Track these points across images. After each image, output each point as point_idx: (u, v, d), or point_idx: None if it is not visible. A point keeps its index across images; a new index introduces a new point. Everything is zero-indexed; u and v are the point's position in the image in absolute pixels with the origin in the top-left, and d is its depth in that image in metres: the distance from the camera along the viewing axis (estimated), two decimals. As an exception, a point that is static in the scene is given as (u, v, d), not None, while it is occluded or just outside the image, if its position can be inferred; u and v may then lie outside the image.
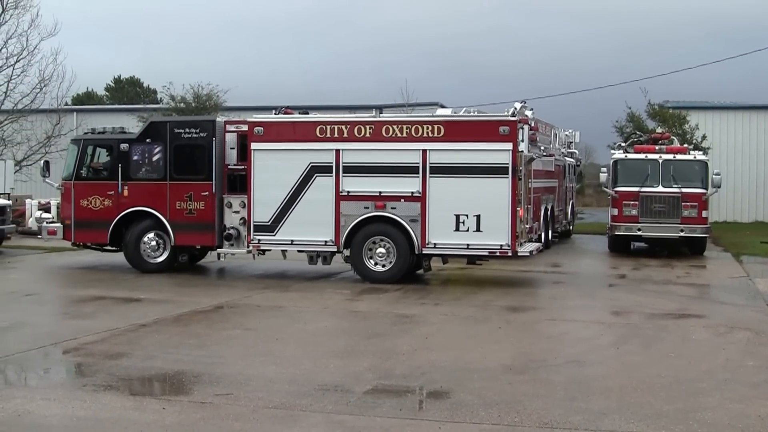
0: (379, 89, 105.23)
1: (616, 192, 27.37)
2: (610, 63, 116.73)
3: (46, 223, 24.18)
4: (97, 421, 8.87)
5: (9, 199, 33.15)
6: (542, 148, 28.12)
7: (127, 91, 78.97)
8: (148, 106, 54.49)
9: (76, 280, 20.96)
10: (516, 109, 19.99)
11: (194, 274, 21.91)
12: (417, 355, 12.26)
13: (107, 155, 22.15)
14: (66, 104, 52.79)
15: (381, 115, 20.74)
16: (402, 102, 45.24)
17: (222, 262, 23.06)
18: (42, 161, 25.32)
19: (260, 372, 11.05)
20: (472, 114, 21.07)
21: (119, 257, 22.14)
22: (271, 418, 9.05)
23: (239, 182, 20.90)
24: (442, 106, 36.57)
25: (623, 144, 30.44)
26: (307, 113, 21.90)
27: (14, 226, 29.22)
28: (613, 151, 29.30)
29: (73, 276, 21.86)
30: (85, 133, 23.45)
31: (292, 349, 12.68)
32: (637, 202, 26.97)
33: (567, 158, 33.32)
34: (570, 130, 34.65)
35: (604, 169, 28.61)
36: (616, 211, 27.42)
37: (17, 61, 46.12)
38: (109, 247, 22.42)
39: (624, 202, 27.15)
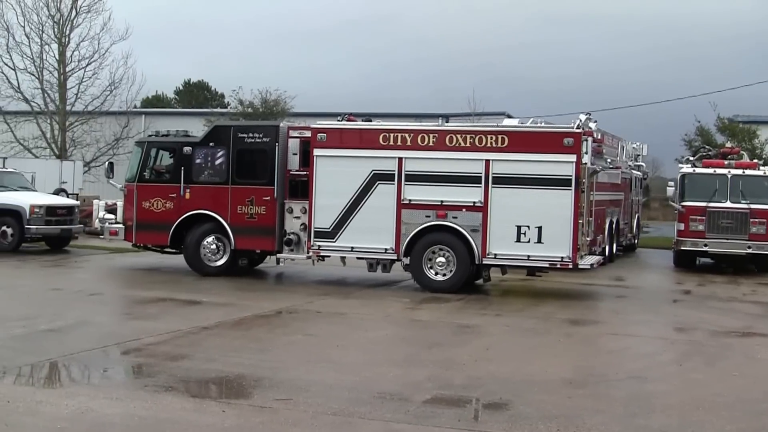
0: (430, 99, 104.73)
1: (683, 206, 27.03)
2: (671, 77, 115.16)
3: (108, 224, 24.23)
4: (157, 421, 8.96)
5: (77, 200, 33.71)
6: (608, 160, 27.82)
7: (196, 95, 79.80)
8: (215, 110, 55.05)
9: (139, 281, 21.19)
10: (581, 121, 19.83)
11: (256, 278, 22.03)
12: (477, 365, 12.21)
13: (170, 158, 22.32)
14: (135, 107, 53.65)
15: (445, 124, 20.71)
16: (468, 111, 45.26)
17: (282, 267, 23.18)
18: (107, 162, 25.29)
19: (320, 378, 11.07)
20: (536, 125, 20.97)
21: (181, 259, 22.31)
22: (329, 424, 9.05)
23: (300, 188, 20.90)
24: (509, 116, 36.46)
25: (691, 158, 30.13)
26: (370, 120, 21.90)
27: (82, 226, 29.62)
28: (681, 165, 29.01)
29: (137, 277, 22.13)
30: (149, 136, 23.67)
31: (353, 356, 12.72)
32: (704, 218, 26.61)
33: (634, 171, 33.00)
34: (637, 143, 34.33)
35: (672, 183, 28.26)
36: (682, 226, 27.09)
37: (89, 64, 47.10)
38: (168, 249, 22.63)
39: (691, 216, 26.81)
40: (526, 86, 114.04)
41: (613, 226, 27.96)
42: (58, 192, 37.19)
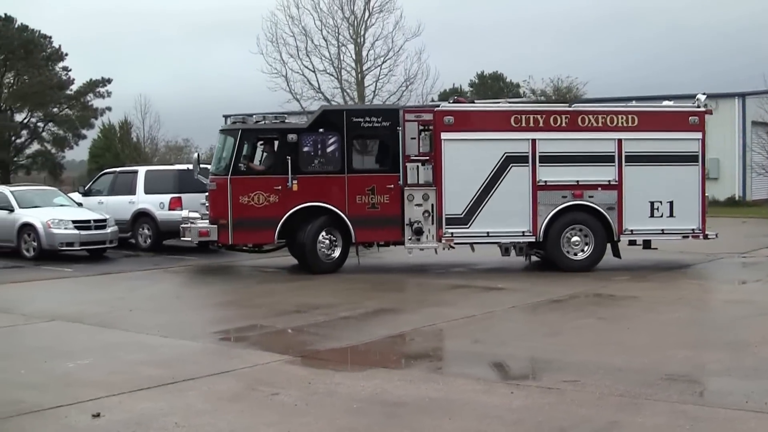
0: (701, 82, 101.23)
1: None
2: None
3: (191, 223, 21.12)
4: (447, 401, 9.40)
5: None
6: None
7: (491, 86, 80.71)
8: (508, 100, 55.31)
9: (435, 270, 21.26)
10: (700, 100, 20.40)
11: (550, 268, 21.97)
12: (769, 347, 11.97)
13: (271, 147, 20.76)
14: (432, 100, 54.77)
15: (575, 105, 21.01)
16: (765, 89, 43.89)
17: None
18: (195, 155, 22.40)
19: (608, 360, 11.19)
20: (663, 105, 21.46)
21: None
22: (615, 405, 9.20)
23: (420, 173, 20.12)
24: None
25: None
26: (473, 102, 21.51)
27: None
28: None
29: (431, 266, 21.76)
30: (234, 123, 22.05)
31: (643, 339, 12.74)
32: None
33: None
34: None
35: None
36: None
37: (384, 62, 48.51)
38: (244, 248, 21.86)
39: None
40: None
41: None
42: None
